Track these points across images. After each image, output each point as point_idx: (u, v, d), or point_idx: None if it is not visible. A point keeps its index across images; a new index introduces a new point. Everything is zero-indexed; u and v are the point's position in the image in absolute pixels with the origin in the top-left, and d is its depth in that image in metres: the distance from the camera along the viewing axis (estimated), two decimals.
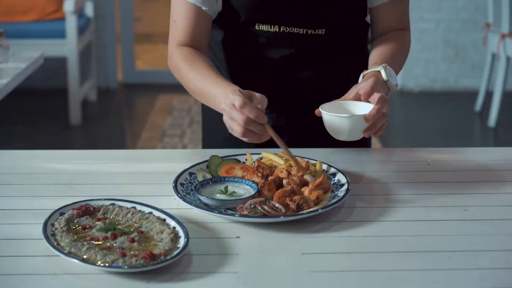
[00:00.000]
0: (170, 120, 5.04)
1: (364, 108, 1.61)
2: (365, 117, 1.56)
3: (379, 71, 1.70)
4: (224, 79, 1.67)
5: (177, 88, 5.63)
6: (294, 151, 1.72)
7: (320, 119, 1.65)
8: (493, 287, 1.24)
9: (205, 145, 2.05)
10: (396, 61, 1.82)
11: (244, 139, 1.55)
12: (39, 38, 4.87)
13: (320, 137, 1.90)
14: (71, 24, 4.83)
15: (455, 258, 1.32)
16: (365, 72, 1.74)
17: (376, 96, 1.60)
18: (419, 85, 5.51)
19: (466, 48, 5.49)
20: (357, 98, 1.64)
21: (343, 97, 1.67)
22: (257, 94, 1.56)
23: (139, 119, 5.19)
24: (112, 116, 5.23)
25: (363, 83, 1.64)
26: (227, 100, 1.55)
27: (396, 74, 1.77)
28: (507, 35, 4.64)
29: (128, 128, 5.08)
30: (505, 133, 4.76)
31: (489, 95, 5.03)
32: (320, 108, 1.63)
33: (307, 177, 1.53)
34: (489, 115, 4.82)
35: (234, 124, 1.53)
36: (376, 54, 1.82)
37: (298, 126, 1.93)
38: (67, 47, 4.88)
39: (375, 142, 1.89)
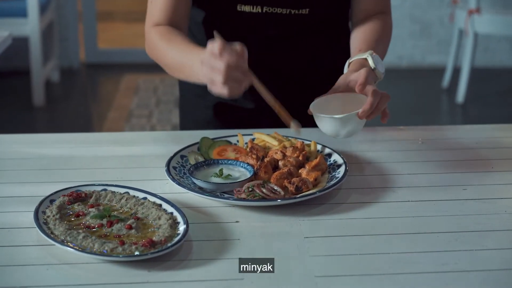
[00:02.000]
0: (137, 101, 4.95)
1: (355, 101, 1.53)
2: (358, 114, 1.49)
3: (365, 58, 1.64)
4: (203, 49, 1.52)
5: (143, 67, 5.57)
6: (281, 132, 1.68)
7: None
8: (500, 268, 1.23)
9: (182, 129, 1.99)
10: (380, 47, 1.74)
11: (225, 91, 1.40)
12: None
13: (303, 118, 1.87)
14: (32, 2, 4.69)
15: (461, 239, 1.29)
16: (350, 59, 1.67)
17: (369, 88, 1.52)
18: (386, 62, 5.45)
19: (432, 24, 5.49)
20: (348, 90, 1.57)
21: (332, 89, 1.59)
22: (235, 43, 1.44)
23: (104, 99, 5.09)
24: (76, 97, 5.12)
25: (355, 75, 1.57)
26: (205, 52, 1.42)
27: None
28: (475, 11, 4.64)
29: (94, 109, 4.97)
30: (473, 109, 4.78)
31: (456, 71, 5.04)
32: (310, 108, 1.56)
33: (292, 123, 1.50)
34: (457, 91, 4.83)
35: (215, 74, 1.40)
36: (359, 39, 1.74)
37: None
38: (29, 26, 4.74)
39: None
